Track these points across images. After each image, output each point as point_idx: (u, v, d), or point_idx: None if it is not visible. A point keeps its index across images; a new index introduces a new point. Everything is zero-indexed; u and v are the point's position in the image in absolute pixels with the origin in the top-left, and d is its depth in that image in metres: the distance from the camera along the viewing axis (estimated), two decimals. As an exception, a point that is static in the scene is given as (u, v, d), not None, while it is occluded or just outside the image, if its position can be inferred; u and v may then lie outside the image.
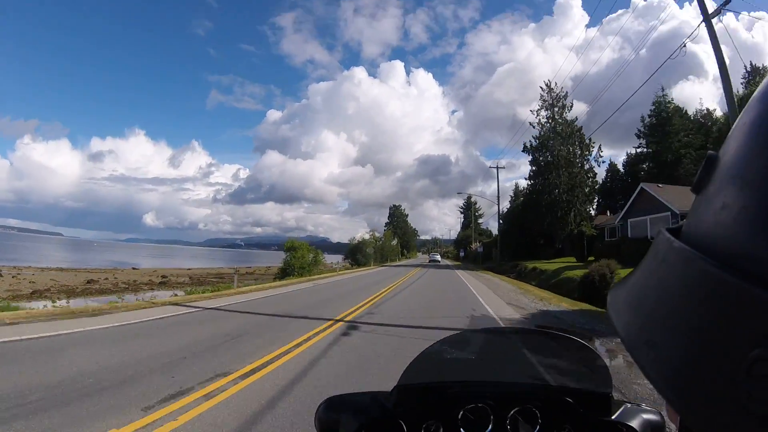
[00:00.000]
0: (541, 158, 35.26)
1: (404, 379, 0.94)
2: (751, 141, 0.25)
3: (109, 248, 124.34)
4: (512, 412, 0.92)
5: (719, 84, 8.87)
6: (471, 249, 55.43)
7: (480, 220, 70.29)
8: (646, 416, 0.96)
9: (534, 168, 35.75)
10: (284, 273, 24.86)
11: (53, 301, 13.23)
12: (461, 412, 0.92)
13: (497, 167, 38.97)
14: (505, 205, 48.62)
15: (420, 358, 0.99)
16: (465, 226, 73.08)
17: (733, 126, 0.28)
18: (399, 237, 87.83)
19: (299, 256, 25.26)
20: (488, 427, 0.91)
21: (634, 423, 0.94)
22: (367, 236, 55.85)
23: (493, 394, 0.94)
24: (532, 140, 36.26)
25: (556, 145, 34.02)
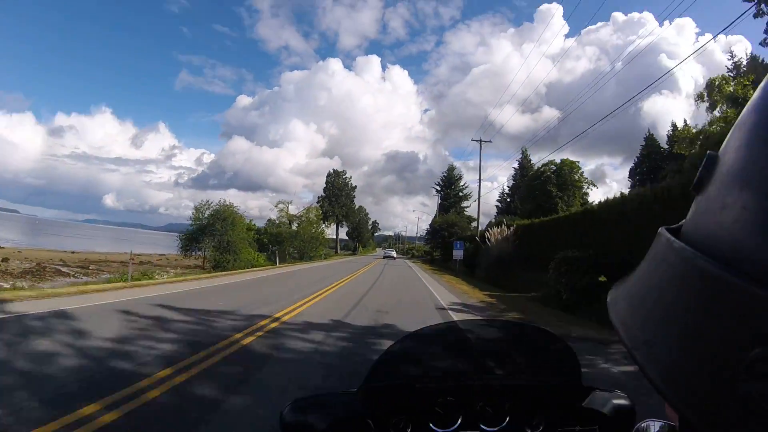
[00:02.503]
0: None
1: (370, 378, 0.92)
2: (751, 141, 0.25)
3: (57, 228, 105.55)
4: (480, 405, 0.92)
5: None
6: (492, 240, 19.82)
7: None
8: (616, 401, 0.98)
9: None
10: None
11: None
12: (429, 408, 0.91)
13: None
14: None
15: (385, 356, 0.97)
16: (445, 209, 46.03)
17: (734, 125, 0.28)
18: (338, 220, 61.83)
19: None
20: (457, 421, 0.90)
21: (604, 408, 0.95)
22: (273, 214, 32.18)
23: (460, 389, 0.94)
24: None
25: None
